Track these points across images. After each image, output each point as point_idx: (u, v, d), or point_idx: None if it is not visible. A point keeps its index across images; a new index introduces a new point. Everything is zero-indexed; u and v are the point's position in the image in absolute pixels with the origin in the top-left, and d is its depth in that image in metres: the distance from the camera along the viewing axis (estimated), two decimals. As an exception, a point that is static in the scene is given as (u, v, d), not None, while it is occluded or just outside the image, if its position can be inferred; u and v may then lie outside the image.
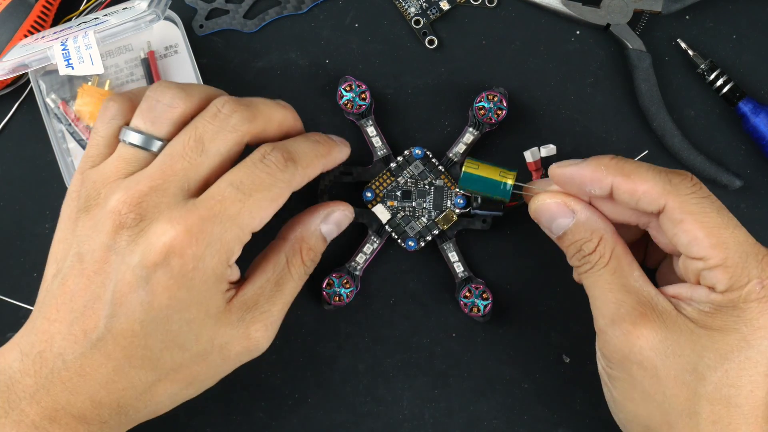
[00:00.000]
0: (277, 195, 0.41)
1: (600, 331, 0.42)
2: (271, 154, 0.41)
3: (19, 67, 0.46)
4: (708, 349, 0.39)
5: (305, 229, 0.45)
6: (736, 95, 0.51)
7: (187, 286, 0.39)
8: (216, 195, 0.40)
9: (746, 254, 0.39)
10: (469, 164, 0.45)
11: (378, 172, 0.50)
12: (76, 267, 0.40)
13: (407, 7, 0.52)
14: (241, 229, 0.40)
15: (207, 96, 0.43)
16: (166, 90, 0.42)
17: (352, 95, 0.50)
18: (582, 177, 0.42)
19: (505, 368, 0.51)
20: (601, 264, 0.42)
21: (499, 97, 0.50)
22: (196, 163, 0.41)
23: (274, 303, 0.43)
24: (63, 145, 0.50)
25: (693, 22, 0.52)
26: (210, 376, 0.43)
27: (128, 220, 0.40)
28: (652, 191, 0.40)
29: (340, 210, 0.47)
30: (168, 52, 0.51)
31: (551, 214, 0.43)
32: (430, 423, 0.51)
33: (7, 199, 0.51)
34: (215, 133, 0.41)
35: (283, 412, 0.50)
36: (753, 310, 0.39)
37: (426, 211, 0.50)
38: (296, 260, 0.44)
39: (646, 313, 0.40)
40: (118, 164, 0.42)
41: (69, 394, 0.40)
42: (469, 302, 0.50)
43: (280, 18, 0.52)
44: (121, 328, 0.39)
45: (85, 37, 0.45)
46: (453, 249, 0.50)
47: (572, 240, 0.43)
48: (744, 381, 0.39)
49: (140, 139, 0.42)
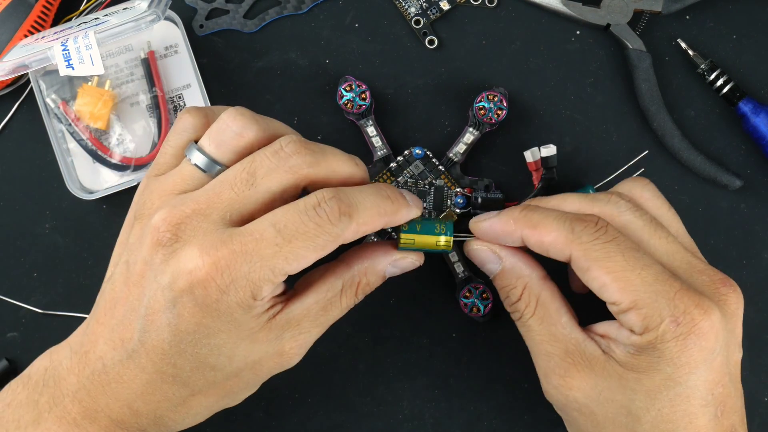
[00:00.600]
0: (320, 246, 0.39)
1: (541, 383, 0.43)
2: (327, 203, 0.39)
3: (20, 68, 0.46)
4: (637, 392, 0.40)
5: (372, 266, 0.43)
6: (736, 95, 0.51)
7: (212, 315, 0.39)
8: (254, 232, 0.38)
9: (656, 294, 0.39)
10: (405, 240, 0.43)
11: (378, 172, 0.50)
12: (123, 275, 0.40)
13: (407, 7, 0.52)
14: (272, 272, 0.38)
15: (278, 131, 0.42)
16: (240, 117, 0.41)
17: (352, 95, 0.50)
18: (495, 231, 0.43)
19: (505, 368, 0.51)
20: (528, 314, 0.42)
21: (499, 97, 0.50)
22: (243, 196, 0.39)
23: (316, 325, 0.42)
24: (63, 145, 0.50)
25: (693, 22, 0.52)
26: (243, 388, 0.43)
27: (164, 239, 0.39)
28: (557, 242, 0.41)
29: (410, 260, 0.45)
30: (168, 52, 0.51)
31: (481, 259, 0.44)
32: (430, 423, 0.51)
33: (7, 199, 0.51)
34: (270, 170, 0.40)
35: (283, 412, 0.50)
36: (672, 349, 0.39)
37: (426, 211, 0.50)
38: (350, 291, 0.43)
39: (575, 362, 0.41)
40: (176, 180, 0.41)
41: (107, 398, 0.40)
42: (469, 302, 0.50)
43: (280, 18, 0.52)
44: (152, 345, 0.39)
45: (86, 37, 0.45)
46: (453, 249, 0.50)
47: (500, 285, 0.44)
48: (678, 415, 0.39)
49: (203, 161, 0.41)
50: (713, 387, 0.40)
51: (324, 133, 0.51)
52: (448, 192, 0.50)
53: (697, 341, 0.39)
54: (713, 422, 0.40)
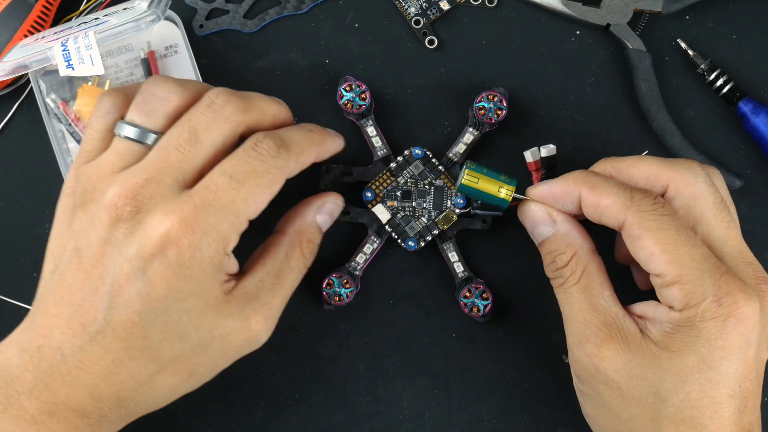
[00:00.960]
0: (271, 182, 0.41)
1: (569, 349, 0.43)
2: (263, 141, 0.41)
3: (20, 68, 0.46)
4: (668, 372, 0.39)
5: (303, 222, 0.46)
6: (736, 95, 0.51)
7: (184, 275, 0.39)
8: (210, 185, 0.40)
9: (703, 272, 0.39)
10: (469, 176, 0.45)
11: (378, 172, 0.50)
12: (74, 261, 0.40)
13: (407, 7, 0.52)
14: (236, 217, 0.40)
15: (202, 90, 0.43)
16: (162, 84, 0.42)
17: (352, 95, 0.50)
18: (553, 193, 0.43)
19: (505, 368, 0.51)
20: (572, 280, 0.42)
21: (499, 97, 0.50)
22: (190, 155, 0.41)
23: (274, 295, 0.43)
24: (63, 145, 0.50)
25: (693, 22, 0.52)
26: (210, 368, 0.43)
27: (125, 213, 0.40)
28: (613, 206, 0.41)
29: (332, 200, 0.47)
30: (168, 52, 0.51)
31: (535, 220, 0.44)
32: (430, 423, 0.51)
33: (7, 199, 0.51)
34: (209, 124, 0.41)
35: (283, 412, 0.50)
36: (710, 330, 0.39)
37: (426, 211, 0.50)
38: (296, 252, 0.44)
39: (612, 334, 0.41)
40: (113, 158, 0.42)
41: (68, 388, 0.40)
42: (469, 302, 0.50)
43: (280, 18, 0.52)
44: (119, 320, 0.39)
45: (86, 37, 0.45)
46: (453, 249, 0.50)
47: (549, 249, 0.44)
48: (706, 402, 0.39)
49: (135, 132, 0.42)
50: (742, 379, 0.39)
51: (324, 132, 0.51)
52: (448, 192, 0.50)
53: (737, 325, 0.39)
54: (736, 416, 0.40)
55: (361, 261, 0.50)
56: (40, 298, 0.42)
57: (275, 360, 0.51)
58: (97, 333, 0.39)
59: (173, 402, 0.45)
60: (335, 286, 0.49)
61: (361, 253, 0.50)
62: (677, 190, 0.42)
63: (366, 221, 0.50)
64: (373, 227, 0.50)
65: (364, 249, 0.50)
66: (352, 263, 0.50)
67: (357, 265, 0.50)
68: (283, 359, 0.51)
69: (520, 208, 0.45)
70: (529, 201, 0.44)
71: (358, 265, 0.50)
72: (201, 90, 0.43)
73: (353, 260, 0.50)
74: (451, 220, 0.50)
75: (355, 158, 0.51)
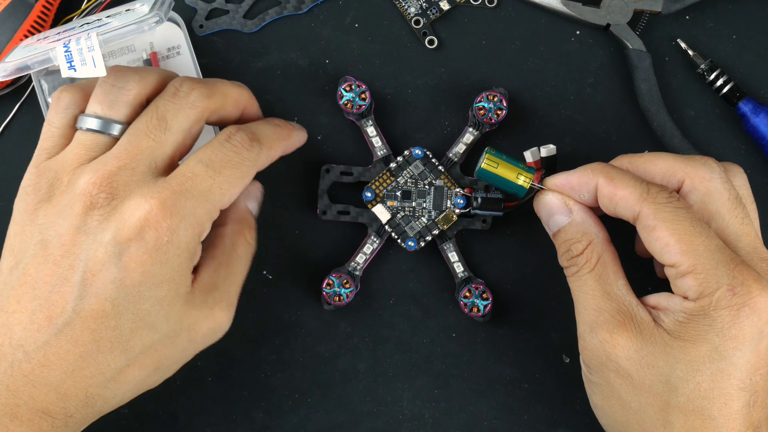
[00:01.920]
0: (245, 173, 0.42)
1: (580, 337, 0.43)
2: (236, 135, 0.43)
3: (21, 69, 0.46)
4: (680, 361, 0.39)
5: (237, 210, 0.46)
6: (736, 95, 0.51)
7: (161, 260, 0.39)
8: (187, 172, 0.41)
9: (717, 262, 0.39)
10: (489, 161, 0.45)
11: (378, 173, 0.50)
12: (40, 254, 0.40)
13: (407, 7, 0.52)
14: (212, 205, 0.41)
15: (162, 77, 0.44)
16: (120, 74, 0.43)
17: (351, 95, 0.50)
18: (571, 183, 0.44)
19: (505, 368, 0.51)
20: (586, 269, 0.42)
21: (499, 97, 0.50)
22: (161, 141, 0.42)
23: (230, 283, 0.43)
24: (63, 146, 0.50)
25: (693, 22, 0.52)
26: (175, 360, 0.42)
27: (99, 200, 0.40)
28: (629, 197, 0.41)
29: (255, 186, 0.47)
30: (170, 53, 0.51)
31: (551, 209, 0.44)
32: (430, 423, 0.51)
33: (8, 199, 0.51)
34: (177, 111, 0.42)
35: (283, 412, 0.50)
36: (724, 319, 0.39)
37: (426, 211, 0.50)
38: (241, 240, 0.45)
39: (625, 322, 0.41)
40: (78, 151, 0.42)
41: (32, 388, 0.39)
42: (469, 302, 0.50)
43: (280, 18, 0.52)
44: (90, 309, 0.39)
45: (88, 39, 0.45)
46: (453, 249, 0.50)
47: (564, 239, 0.44)
48: (716, 393, 0.39)
49: (98, 123, 0.42)
50: (753, 372, 0.39)
51: (324, 133, 0.51)
52: (448, 192, 0.50)
53: (750, 315, 0.39)
54: (745, 410, 0.40)
55: (361, 261, 0.50)
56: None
57: (275, 360, 0.51)
58: (64, 325, 0.39)
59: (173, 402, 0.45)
60: (335, 286, 0.49)
61: (361, 253, 0.50)
62: (692, 186, 0.42)
63: (366, 221, 0.50)
64: (373, 227, 0.50)
65: (364, 249, 0.50)
66: (352, 263, 0.50)
67: (357, 265, 0.50)
68: (283, 359, 0.51)
69: (536, 198, 0.45)
70: (546, 190, 0.45)
71: (358, 265, 0.50)
72: (161, 77, 0.44)
73: (353, 260, 0.50)
74: (451, 220, 0.50)
75: (355, 158, 0.51)
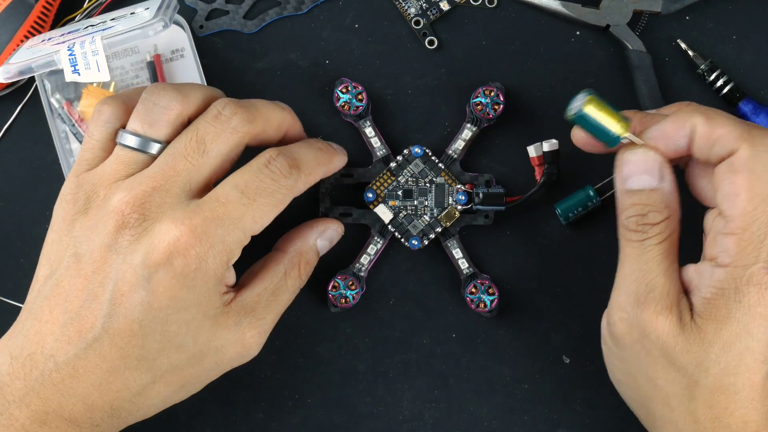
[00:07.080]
0: (280, 201, 0.42)
1: (619, 307, 0.41)
2: (276, 160, 0.42)
3: (25, 72, 0.46)
4: (714, 344, 0.39)
5: (304, 244, 0.46)
6: (736, 95, 0.51)
7: (188, 286, 0.39)
8: (221, 197, 0.40)
9: (766, 236, 0.39)
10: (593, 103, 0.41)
11: (378, 173, 0.50)
12: (73, 267, 0.40)
13: (407, 7, 0.52)
14: (243, 233, 0.41)
15: (204, 97, 0.43)
16: (163, 92, 0.42)
17: (348, 97, 0.50)
18: (665, 132, 0.41)
19: (505, 368, 0.51)
20: (656, 239, 0.41)
21: (495, 91, 0.50)
22: (198, 164, 0.41)
23: (269, 311, 0.43)
24: (66, 146, 0.50)
25: (693, 22, 0.52)
26: (201, 380, 0.43)
27: (131, 220, 0.40)
28: (729, 135, 0.40)
29: (334, 227, 0.48)
30: (174, 56, 0.50)
31: (643, 167, 0.41)
32: (430, 423, 0.51)
33: (8, 199, 0.51)
34: (217, 135, 0.41)
35: (283, 413, 0.51)
36: (753, 296, 0.38)
37: (428, 209, 0.50)
38: (294, 273, 0.45)
39: (672, 306, 0.40)
40: (116, 166, 0.42)
41: (60, 397, 0.39)
42: (476, 298, 0.49)
43: (280, 18, 0.52)
44: (118, 328, 0.39)
45: (92, 42, 0.45)
46: (457, 245, 0.50)
47: (644, 202, 0.41)
48: (742, 369, 0.39)
49: (137, 141, 0.42)
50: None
51: (324, 133, 0.51)
52: (449, 189, 0.50)
53: None
54: (764, 382, 0.39)
55: (366, 262, 0.50)
56: (33, 303, 0.41)
57: (275, 360, 0.51)
58: (93, 341, 0.39)
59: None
60: (341, 288, 0.49)
61: (366, 254, 0.50)
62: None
63: (368, 222, 0.50)
64: (375, 228, 0.50)
65: (368, 250, 0.50)
66: (357, 264, 0.50)
67: (362, 267, 0.50)
68: (283, 360, 0.51)
69: (624, 152, 0.42)
70: (640, 146, 0.42)
71: (362, 266, 0.50)
72: (203, 97, 0.43)
73: (357, 261, 0.50)
74: (453, 216, 0.50)
75: (355, 160, 0.51)
